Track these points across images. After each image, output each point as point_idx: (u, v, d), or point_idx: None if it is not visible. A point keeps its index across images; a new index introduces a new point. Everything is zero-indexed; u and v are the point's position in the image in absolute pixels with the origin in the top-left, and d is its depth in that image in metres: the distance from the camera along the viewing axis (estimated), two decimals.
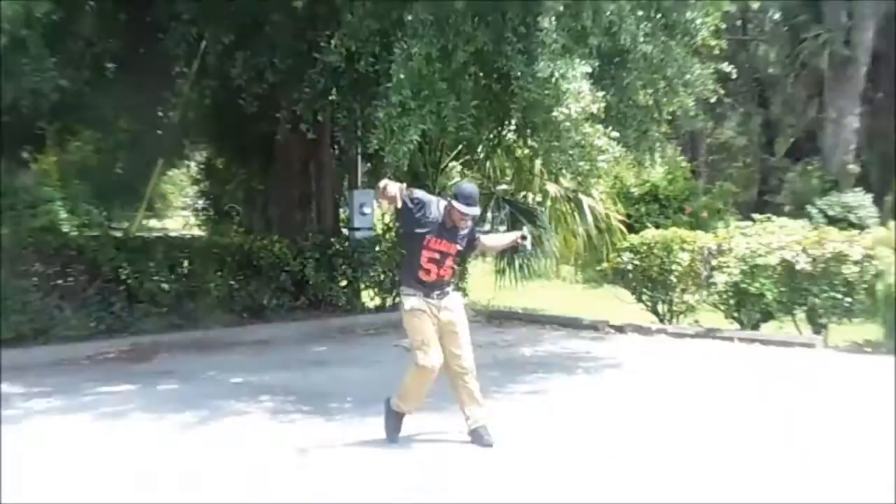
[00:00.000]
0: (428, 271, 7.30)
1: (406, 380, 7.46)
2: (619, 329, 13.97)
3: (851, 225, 19.41)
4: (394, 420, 7.61)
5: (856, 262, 12.15)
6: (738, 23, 30.75)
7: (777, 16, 31.77)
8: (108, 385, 10.16)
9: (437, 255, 7.28)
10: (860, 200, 22.54)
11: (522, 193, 16.92)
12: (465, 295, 14.90)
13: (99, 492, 6.46)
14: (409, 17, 9.40)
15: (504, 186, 17.00)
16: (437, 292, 7.35)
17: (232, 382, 10.33)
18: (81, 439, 7.94)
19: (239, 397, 9.47)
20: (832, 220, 19.68)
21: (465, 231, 7.42)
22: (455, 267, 7.52)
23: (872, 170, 26.40)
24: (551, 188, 16.96)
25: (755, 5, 29.63)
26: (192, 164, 22.77)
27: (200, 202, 25.13)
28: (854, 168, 24.77)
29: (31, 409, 9.09)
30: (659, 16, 10.25)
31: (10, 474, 6.79)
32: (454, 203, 7.19)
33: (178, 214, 31.73)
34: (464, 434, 7.55)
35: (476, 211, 7.30)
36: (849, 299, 12.34)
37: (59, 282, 12.28)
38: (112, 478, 6.82)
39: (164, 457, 7.38)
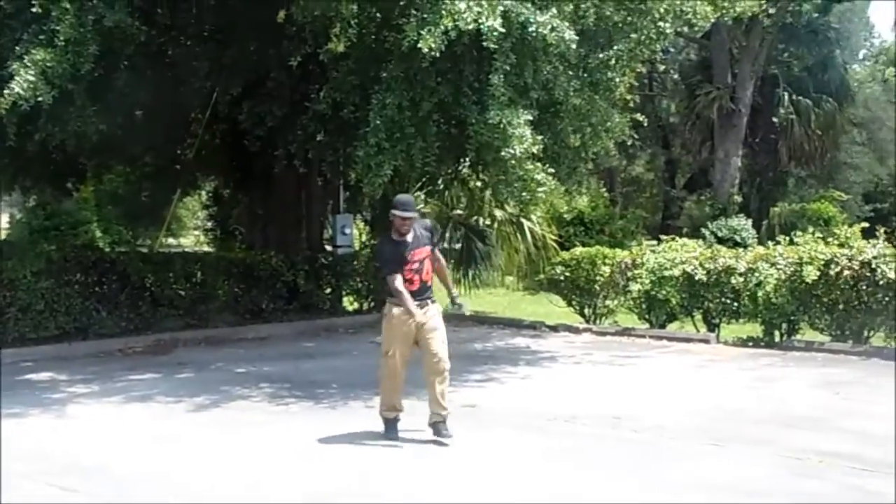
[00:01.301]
0: (411, 281, 6.87)
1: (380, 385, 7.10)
2: (553, 328, 13.90)
3: (736, 244, 19.58)
4: (387, 425, 7.05)
5: (741, 274, 12.20)
6: (647, 81, 31.04)
7: (677, 76, 32.25)
8: (136, 373, 10.04)
9: (416, 265, 6.88)
10: (742, 224, 22.77)
11: (475, 217, 16.97)
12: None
13: (130, 459, 6.39)
14: (384, 74, 9.39)
15: (459, 211, 17.03)
16: (419, 301, 6.80)
17: (237, 371, 10.23)
18: (115, 417, 7.85)
19: (243, 384, 9.38)
20: (721, 240, 19.70)
21: (422, 235, 6.96)
22: (432, 271, 7.01)
23: (752, 200, 26.82)
24: (498, 213, 17.01)
25: (661, 67, 30.15)
26: (204, 192, 22.56)
27: (210, 224, 24.94)
28: (737, 198, 25.01)
29: (74, 392, 8.99)
30: (586, 75, 10.29)
31: (59, 450, 6.68)
32: (395, 212, 6.86)
33: (192, 234, 31.44)
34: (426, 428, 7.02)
35: (413, 214, 6.89)
36: (736, 303, 12.44)
37: (96, 289, 12.10)
38: (138, 447, 6.76)
39: (181, 431, 7.31)
